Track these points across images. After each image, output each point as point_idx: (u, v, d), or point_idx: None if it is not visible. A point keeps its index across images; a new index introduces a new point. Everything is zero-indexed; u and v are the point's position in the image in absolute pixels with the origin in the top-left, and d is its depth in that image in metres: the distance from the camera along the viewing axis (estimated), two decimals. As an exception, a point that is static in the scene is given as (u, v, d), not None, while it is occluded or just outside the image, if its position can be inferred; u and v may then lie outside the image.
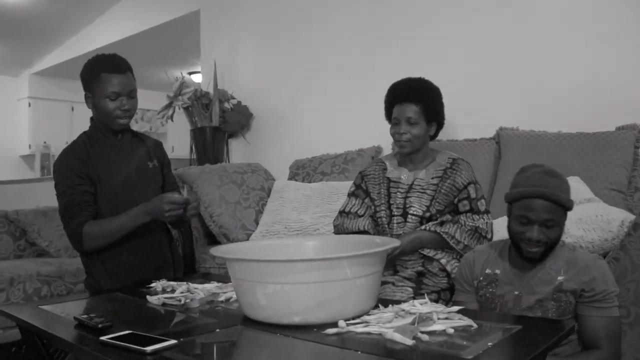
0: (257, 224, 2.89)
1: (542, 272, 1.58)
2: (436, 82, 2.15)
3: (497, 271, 1.66)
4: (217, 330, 1.32)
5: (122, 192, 1.97)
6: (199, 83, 6.16)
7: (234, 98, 3.78)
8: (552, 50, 2.71)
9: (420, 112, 2.05)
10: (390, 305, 1.38)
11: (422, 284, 1.95)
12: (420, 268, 1.98)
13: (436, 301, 1.83)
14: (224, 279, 1.96)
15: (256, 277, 1.31)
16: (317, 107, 3.65)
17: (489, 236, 2.04)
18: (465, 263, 1.77)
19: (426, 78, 2.15)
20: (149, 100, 8.18)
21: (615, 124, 2.45)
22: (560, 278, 1.55)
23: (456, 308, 1.29)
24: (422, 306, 1.29)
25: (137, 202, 1.94)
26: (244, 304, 1.39)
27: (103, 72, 1.92)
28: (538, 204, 1.51)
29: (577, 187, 2.20)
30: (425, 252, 1.98)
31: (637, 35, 2.50)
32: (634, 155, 2.38)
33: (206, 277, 2.14)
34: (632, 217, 2.00)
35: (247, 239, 2.79)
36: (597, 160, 2.39)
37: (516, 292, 1.60)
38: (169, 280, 1.89)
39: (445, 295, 1.94)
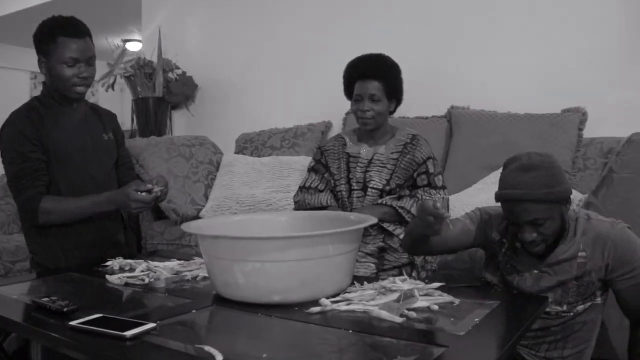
0: (207, 198, 2.81)
1: (562, 253, 1.49)
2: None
3: (518, 245, 1.55)
4: (194, 311, 1.27)
5: (77, 162, 1.86)
6: (135, 52, 5.89)
7: (178, 68, 3.63)
8: (505, 33, 2.77)
9: (383, 88, 2.05)
10: (366, 283, 1.39)
11: (384, 259, 1.97)
12: (381, 244, 1.99)
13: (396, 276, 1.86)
14: (181, 256, 1.91)
15: (234, 255, 1.27)
16: (266, 80, 3.58)
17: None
18: (482, 218, 1.64)
19: None
20: None
21: (561, 106, 2.55)
22: (581, 254, 1.47)
23: (436, 285, 1.31)
24: (403, 283, 1.29)
25: (92, 174, 1.83)
26: (218, 282, 1.35)
27: (60, 36, 1.78)
28: (518, 207, 1.41)
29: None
30: (385, 226, 2.00)
31: (583, 21, 2.60)
32: (577, 137, 2.49)
33: (157, 255, 2.07)
34: (581, 196, 2.10)
35: (197, 214, 2.71)
36: (545, 140, 2.48)
37: (536, 271, 1.52)
38: (125, 258, 1.81)
39: (407, 270, 1.97)
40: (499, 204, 1.48)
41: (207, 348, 0.98)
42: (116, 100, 5.22)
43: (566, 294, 1.50)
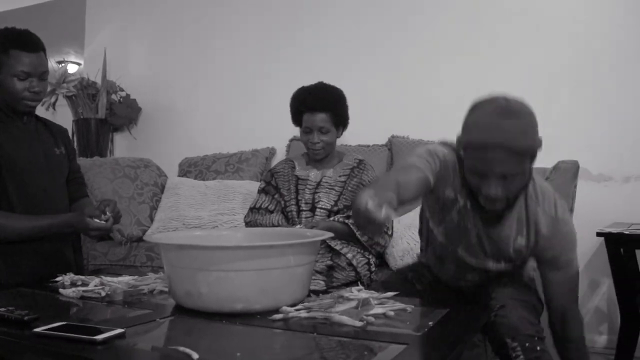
0: (152, 220, 2.81)
1: (508, 226, 1.45)
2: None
3: (468, 203, 1.46)
4: (158, 319, 1.30)
5: (29, 177, 1.83)
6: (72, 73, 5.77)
7: (122, 90, 3.62)
8: (443, 68, 2.97)
9: (330, 120, 2.16)
10: (322, 295, 1.46)
11: (333, 277, 2.05)
12: (329, 262, 2.07)
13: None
14: (132, 272, 1.90)
15: (199, 265, 1.31)
16: (209, 105, 3.62)
17: (390, 232, 2.20)
18: (439, 171, 1.42)
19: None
20: None
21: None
22: (519, 241, 1.46)
23: (390, 294, 1.40)
24: (359, 292, 1.37)
25: (45, 189, 1.82)
26: (179, 292, 1.38)
27: (13, 49, 1.76)
28: (492, 156, 1.24)
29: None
30: (333, 244, 2.08)
31: (521, 57, 2.83)
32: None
33: (105, 272, 2.06)
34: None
35: (142, 235, 2.70)
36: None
37: (478, 235, 1.49)
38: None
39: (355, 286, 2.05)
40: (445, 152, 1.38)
41: (181, 349, 1.02)
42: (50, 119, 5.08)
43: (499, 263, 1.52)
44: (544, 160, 2.55)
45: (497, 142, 1.24)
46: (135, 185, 2.87)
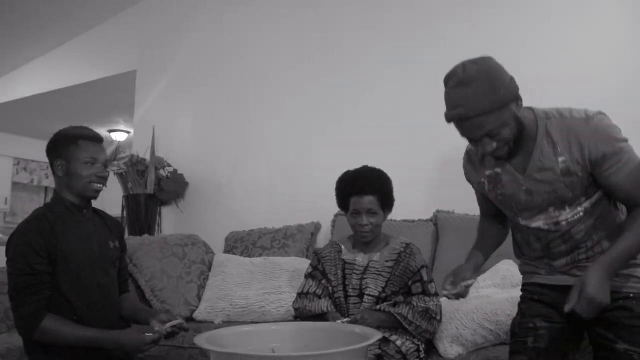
0: (200, 299, 2.83)
1: (540, 159, 1.49)
2: (378, 165, 2.29)
3: (498, 169, 1.60)
4: None
5: (84, 271, 1.90)
6: (121, 143, 6.01)
7: (169, 165, 3.74)
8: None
9: (378, 202, 2.18)
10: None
11: (382, 366, 2.01)
12: (378, 351, 2.03)
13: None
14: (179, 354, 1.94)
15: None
16: (254, 179, 3.69)
17: (438, 317, 2.16)
18: (465, 165, 1.78)
19: (369, 162, 2.29)
20: (28, 149, 7.81)
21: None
22: (561, 159, 1.47)
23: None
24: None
25: (99, 282, 1.89)
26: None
27: (82, 140, 1.94)
28: (464, 126, 1.42)
29: (512, 271, 2.39)
30: (381, 331, 2.05)
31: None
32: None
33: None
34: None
35: (191, 315, 2.73)
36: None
37: (524, 188, 1.54)
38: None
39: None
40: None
41: None
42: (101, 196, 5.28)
43: (556, 195, 1.50)
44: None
45: (461, 114, 1.39)
46: (183, 264, 2.92)
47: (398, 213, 2.99)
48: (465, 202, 2.90)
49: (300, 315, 2.21)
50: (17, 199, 8.12)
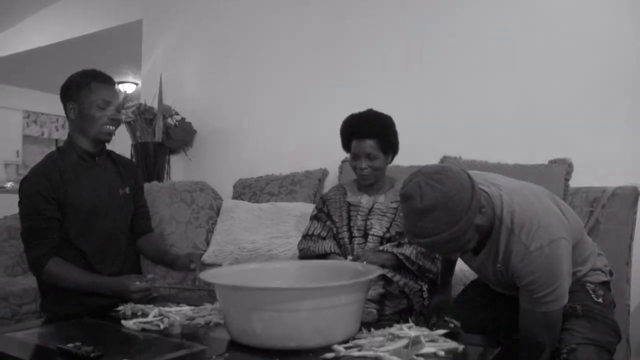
0: (208, 243, 2.89)
1: (484, 258, 1.60)
2: (386, 109, 2.27)
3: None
4: (213, 357, 1.34)
5: (92, 219, 1.95)
6: (130, 94, 6.00)
7: (177, 114, 3.75)
8: (495, 85, 2.93)
9: (378, 146, 2.17)
10: (373, 330, 1.47)
11: (385, 305, 2.05)
12: (381, 290, 2.07)
13: (397, 321, 1.94)
14: (190, 301, 1.97)
15: (253, 304, 1.35)
16: (262, 127, 3.70)
17: (439, 258, 2.18)
18: None
19: (376, 106, 2.27)
20: (38, 102, 7.81)
21: (547, 157, 2.69)
22: (498, 265, 1.56)
23: (441, 332, 1.40)
24: (410, 330, 1.38)
25: (106, 229, 1.93)
26: (234, 329, 1.42)
27: (94, 82, 1.94)
28: (432, 248, 1.56)
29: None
30: (385, 271, 2.09)
31: (569, 74, 2.77)
32: (564, 188, 2.62)
33: (164, 300, 2.13)
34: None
35: (199, 259, 2.78)
36: (533, 189, 2.60)
37: (492, 272, 1.62)
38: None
39: (406, 315, 2.06)
40: None
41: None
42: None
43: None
44: (599, 180, 2.53)
45: (427, 243, 1.45)
46: (191, 210, 2.96)
47: (406, 159, 3.02)
48: (472, 148, 2.91)
49: (304, 255, 2.24)
50: (28, 151, 8.20)
